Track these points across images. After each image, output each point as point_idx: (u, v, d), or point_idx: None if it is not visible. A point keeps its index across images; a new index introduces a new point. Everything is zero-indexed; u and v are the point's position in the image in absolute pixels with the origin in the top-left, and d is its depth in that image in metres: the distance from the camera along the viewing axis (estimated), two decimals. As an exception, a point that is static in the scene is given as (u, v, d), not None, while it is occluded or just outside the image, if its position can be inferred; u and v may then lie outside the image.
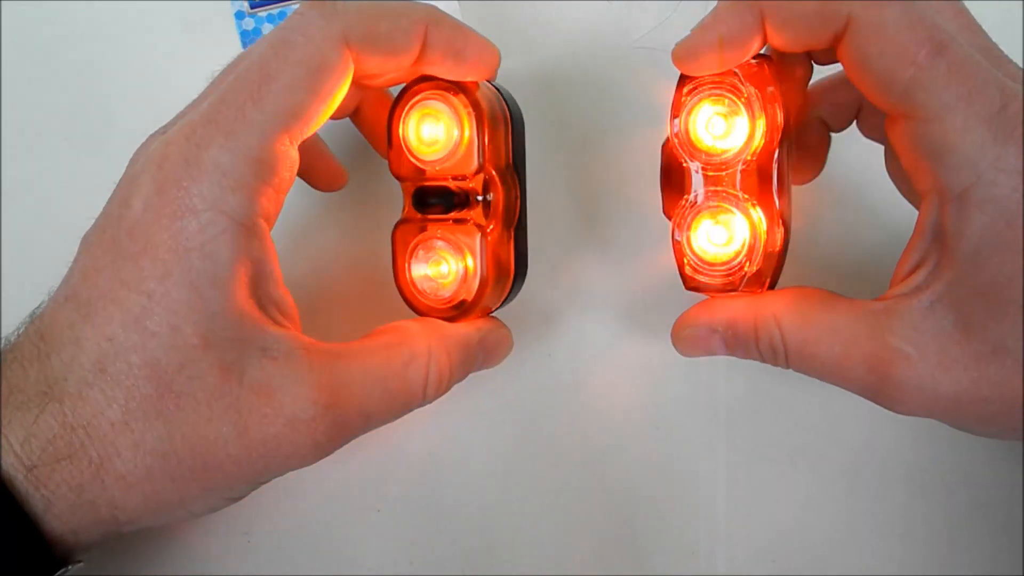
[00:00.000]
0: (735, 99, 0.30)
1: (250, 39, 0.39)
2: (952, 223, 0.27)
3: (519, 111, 0.34)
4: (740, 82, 0.30)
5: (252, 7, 0.39)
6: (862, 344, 0.28)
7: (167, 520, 0.29)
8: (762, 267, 0.31)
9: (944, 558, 0.37)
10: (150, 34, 0.40)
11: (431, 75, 0.31)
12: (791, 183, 0.33)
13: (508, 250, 0.34)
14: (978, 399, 0.27)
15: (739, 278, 0.31)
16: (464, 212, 0.32)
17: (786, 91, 0.31)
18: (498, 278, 0.33)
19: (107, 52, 0.40)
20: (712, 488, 0.37)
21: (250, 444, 0.27)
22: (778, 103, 0.30)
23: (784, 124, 0.30)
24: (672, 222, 0.31)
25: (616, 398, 0.38)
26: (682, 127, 0.30)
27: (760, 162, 0.30)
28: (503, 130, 0.33)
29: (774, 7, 0.28)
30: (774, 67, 0.31)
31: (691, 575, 0.37)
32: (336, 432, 0.28)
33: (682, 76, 0.30)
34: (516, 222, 0.34)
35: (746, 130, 0.30)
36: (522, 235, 0.35)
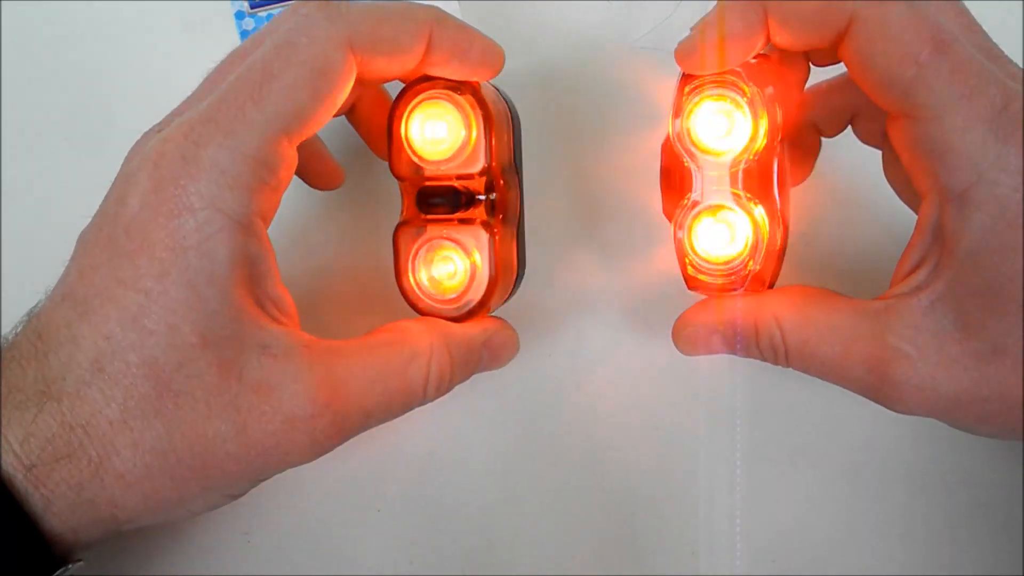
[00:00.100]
0: (737, 98, 0.30)
1: (250, 39, 0.39)
2: (952, 223, 0.27)
3: (515, 109, 0.34)
4: (742, 81, 0.29)
5: (252, 7, 0.39)
6: (862, 343, 0.28)
7: (167, 518, 0.29)
8: (764, 266, 0.30)
9: (944, 558, 0.37)
10: (150, 34, 0.40)
11: (432, 75, 0.31)
12: (789, 183, 0.33)
13: (511, 249, 0.34)
14: (978, 399, 0.27)
15: (742, 278, 0.30)
16: (468, 212, 0.32)
17: (784, 91, 0.31)
18: (504, 277, 0.33)
19: (107, 52, 0.40)
20: (712, 488, 0.37)
21: (249, 442, 0.27)
22: (778, 102, 0.30)
23: (783, 124, 0.30)
24: (673, 222, 0.31)
25: (616, 398, 0.38)
26: (683, 126, 0.30)
27: (761, 161, 0.30)
28: (506, 129, 0.33)
29: (778, 5, 0.28)
30: (774, 66, 0.31)
31: (691, 575, 0.37)
32: (335, 430, 0.28)
33: (683, 75, 0.30)
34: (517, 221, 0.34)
35: (748, 129, 0.30)
36: (521, 234, 0.34)
